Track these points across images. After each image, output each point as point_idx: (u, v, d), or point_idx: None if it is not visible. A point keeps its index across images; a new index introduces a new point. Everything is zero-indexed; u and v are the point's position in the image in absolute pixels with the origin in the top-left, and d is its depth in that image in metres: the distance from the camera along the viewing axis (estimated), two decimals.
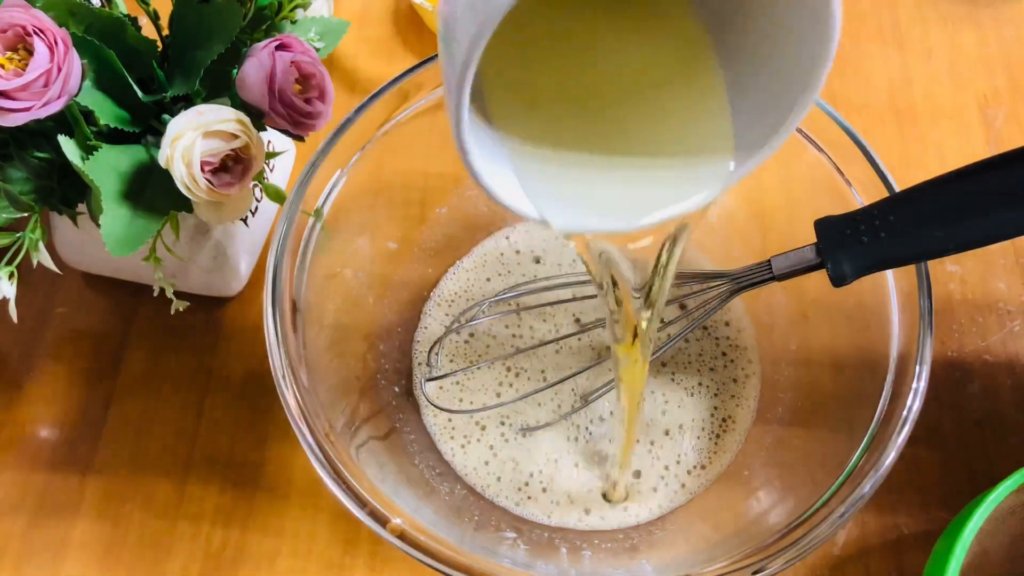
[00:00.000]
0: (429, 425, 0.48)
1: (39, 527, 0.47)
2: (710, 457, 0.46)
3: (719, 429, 0.47)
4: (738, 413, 0.47)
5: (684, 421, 0.47)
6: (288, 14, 0.43)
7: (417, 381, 0.49)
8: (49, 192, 0.41)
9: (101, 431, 0.49)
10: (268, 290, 0.40)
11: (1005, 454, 0.47)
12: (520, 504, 0.46)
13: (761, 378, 0.48)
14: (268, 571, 0.45)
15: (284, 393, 0.38)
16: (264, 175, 0.47)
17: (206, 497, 0.47)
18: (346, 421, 0.42)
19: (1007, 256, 0.52)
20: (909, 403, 0.37)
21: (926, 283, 0.38)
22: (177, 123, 0.38)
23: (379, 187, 0.48)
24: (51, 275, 0.41)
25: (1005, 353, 0.49)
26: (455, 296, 0.51)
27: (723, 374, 0.49)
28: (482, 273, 0.52)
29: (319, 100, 0.41)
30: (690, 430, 0.47)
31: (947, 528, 0.40)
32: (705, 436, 0.47)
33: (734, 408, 0.47)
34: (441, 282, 0.52)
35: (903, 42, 0.61)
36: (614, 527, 0.45)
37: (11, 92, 0.34)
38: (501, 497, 0.46)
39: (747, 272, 0.40)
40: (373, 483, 0.37)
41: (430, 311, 0.51)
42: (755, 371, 0.48)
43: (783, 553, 0.35)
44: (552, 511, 0.45)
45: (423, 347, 0.50)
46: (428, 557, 0.35)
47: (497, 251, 0.52)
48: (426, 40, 0.62)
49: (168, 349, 0.51)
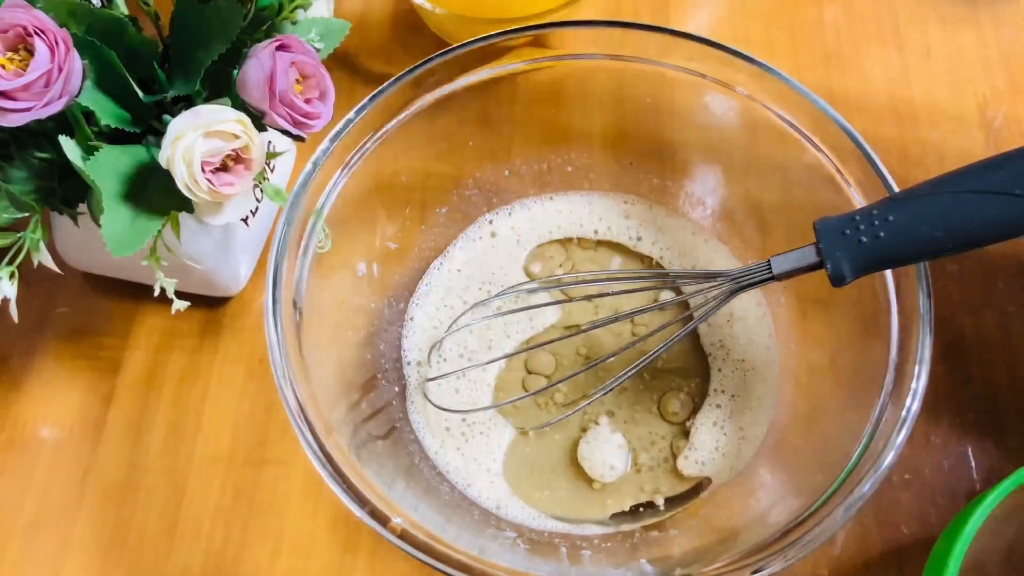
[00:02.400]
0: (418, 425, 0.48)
1: (39, 527, 0.47)
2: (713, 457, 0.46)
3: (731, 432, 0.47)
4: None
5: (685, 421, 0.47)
6: (289, 15, 0.44)
7: (409, 380, 0.49)
8: (50, 192, 0.41)
9: (101, 431, 0.49)
10: (268, 290, 0.40)
11: (1005, 454, 0.47)
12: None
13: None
14: (268, 571, 0.45)
15: (284, 393, 0.38)
16: (264, 175, 0.47)
17: (206, 497, 0.47)
18: (346, 421, 0.42)
19: (1007, 256, 0.52)
20: (909, 403, 0.37)
21: (926, 283, 0.38)
22: (178, 123, 0.38)
23: (379, 187, 0.48)
24: (52, 275, 0.41)
25: (1005, 353, 0.49)
26: (450, 296, 0.51)
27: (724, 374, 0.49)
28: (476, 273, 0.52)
29: (319, 100, 0.41)
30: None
31: (947, 528, 0.40)
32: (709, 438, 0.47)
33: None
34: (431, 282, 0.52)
35: (903, 42, 0.61)
36: (613, 530, 0.45)
37: (12, 92, 0.34)
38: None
39: (746, 272, 0.40)
40: (373, 483, 0.37)
41: (427, 311, 0.51)
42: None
43: (783, 553, 0.35)
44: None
45: (419, 346, 0.50)
46: (428, 556, 0.35)
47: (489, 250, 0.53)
48: (426, 41, 0.62)
49: (168, 349, 0.51)
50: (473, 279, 0.52)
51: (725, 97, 0.47)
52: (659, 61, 0.47)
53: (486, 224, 0.53)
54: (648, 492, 0.46)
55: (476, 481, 0.46)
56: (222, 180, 0.39)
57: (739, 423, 0.47)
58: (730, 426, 0.47)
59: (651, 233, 0.52)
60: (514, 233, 0.53)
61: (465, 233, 0.53)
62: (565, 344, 0.49)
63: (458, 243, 0.53)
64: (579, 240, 0.53)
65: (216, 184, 0.38)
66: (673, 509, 0.45)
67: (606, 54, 0.47)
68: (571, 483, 0.46)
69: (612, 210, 0.53)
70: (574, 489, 0.46)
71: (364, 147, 0.45)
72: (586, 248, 0.53)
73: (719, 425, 0.47)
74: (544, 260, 0.52)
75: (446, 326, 0.50)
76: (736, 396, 0.47)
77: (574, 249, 0.53)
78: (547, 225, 0.53)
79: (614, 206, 0.53)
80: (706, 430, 0.47)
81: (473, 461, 0.46)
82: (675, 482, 0.46)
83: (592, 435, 0.47)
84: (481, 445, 0.47)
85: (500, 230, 0.53)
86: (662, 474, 0.46)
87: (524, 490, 0.46)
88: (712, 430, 0.47)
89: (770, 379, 0.48)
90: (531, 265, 0.52)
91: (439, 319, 0.50)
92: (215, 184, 0.38)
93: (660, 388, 0.48)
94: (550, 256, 0.52)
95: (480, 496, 0.45)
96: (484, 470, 0.46)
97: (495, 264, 0.52)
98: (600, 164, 0.53)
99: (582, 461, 0.46)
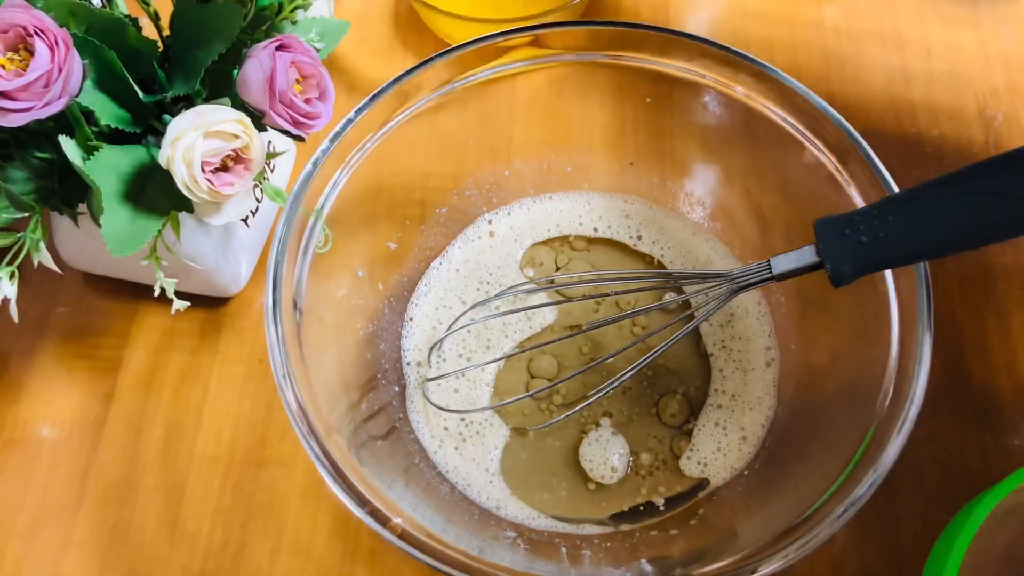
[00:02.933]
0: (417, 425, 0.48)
1: (39, 527, 0.47)
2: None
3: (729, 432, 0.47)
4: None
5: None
6: (288, 15, 0.44)
7: (408, 380, 0.49)
8: (50, 192, 0.41)
9: (101, 431, 0.49)
10: (268, 290, 0.40)
11: (1005, 454, 0.47)
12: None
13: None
14: (268, 571, 0.45)
15: (284, 393, 0.38)
16: (264, 175, 0.47)
17: (206, 497, 0.47)
18: (346, 421, 0.42)
19: (1007, 256, 0.52)
20: (909, 403, 0.37)
21: (926, 283, 0.38)
22: (178, 123, 0.38)
23: (379, 187, 0.48)
24: (52, 275, 0.41)
25: (1005, 353, 0.49)
26: (449, 296, 0.51)
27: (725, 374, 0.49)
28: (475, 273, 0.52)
29: (319, 100, 0.41)
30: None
31: (947, 528, 0.40)
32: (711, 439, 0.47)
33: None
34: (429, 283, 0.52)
35: (903, 42, 0.61)
36: (613, 530, 0.45)
37: (12, 92, 0.34)
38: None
39: (746, 272, 0.40)
40: (373, 482, 0.37)
41: (426, 311, 0.51)
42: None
43: (782, 553, 0.35)
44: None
45: (418, 346, 0.50)
46: (428, 556, 0.35)
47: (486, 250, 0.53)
48: (426, 41, 0.62)
49: (168, 349, 0.51)
50: (472, 279, 0.52)
51: (725, 97, 0.47)
52: (659, 61, 0.47)
53: (485, 224, 0.53)
54: (648, 493, 0.45)
55: (475, 481, 0.46)
56: (222, 180, 0.39)
57: (740, 423, 0.47)
58: (731, 426, 0.47)
59: (651, 232, 0.52)
60: (512, 233, 0.53)
61: (464, 233, 0.53)
62: (567, 344, 0.49)
63: (457, 243, 0.53)
64: (576, 238, 0.53)
65: (216, 184, 0.38)
66: (673, 509, 0.45)
67: (606, 54, 0.47)
68: (571, 483, 0.46)
69: (612, 209, 0.53)
70: (574, 490, 0.46)
71: (364, 147, 0.45)
72: (580, 250, 0.53)
73: (720, 425, 0.47)
74: (541, 258, 0.52)
75: (446, 326, 0.50)
76: (736, 396, 0.47)
77: (571, 248, 0.53)
78: (546, 224, 0.53)
79: (614, 205, 0.53)
80: (707, 431, 0.47)
81: (472, 461, 0.46)
82: (675, 482, 0.46)
83: (593, 436, 0.46)
84: (479, 445, 0.47)
85: (499, 230, 0.53)
86: (662, 475, 0.46)
87: (524, 490, 0.46)
88: (713, 430, 0.47)
89: (770, 379, 0.48)
90: (528, 264, 0.52)
91: (438, 319, 0.50)
92: (215, 184, 0.38)
93: (661, 389, 0.48)
94: (544, 256, 0.52)
95: (480, 496, 0.45)
96: (483, 470, 0.46)
97: (493, 264, 0.52)
98: (600, 164, 0.53)
99: (583, 462, 0.46)
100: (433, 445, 0.47)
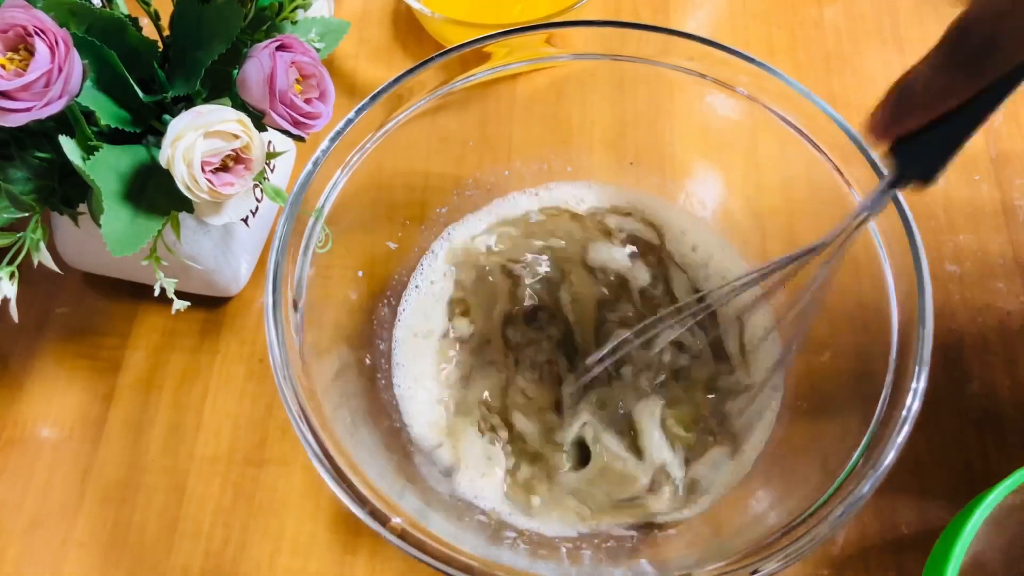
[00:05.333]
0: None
1: (39, 527, 0.47)
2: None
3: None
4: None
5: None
6: (289, 15, 0.44)
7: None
8: (50, 192, 0.41)
9: (101, 431, 0.49)
10: (268, 290, 0.40)
11: (1005, 454, 0.47)
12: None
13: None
14: (268, 571, 0.45)
15: (284, 392, 0.38)
16: (264, 175, 0.47)
17: (206, 497, 0.47)
18: (347, 420, 0.42)
19: (1006, 256, 0.52)
20: (908, 403, 0.37)
21: (925, 284, 0.38)
22: (178, 123, 0.38)
23: (379, 187, 0.48)
24: (52, 275, 0.41)
25: (1004, 353, 0.49)
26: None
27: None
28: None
29: (319, 100, 0.41)
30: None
31: (946, 528, 0.40)
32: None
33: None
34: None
35: (903, 42, 0.61)
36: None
37: (12, 92, 0.34)
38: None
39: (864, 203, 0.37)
40: (373, 483, 0.37)
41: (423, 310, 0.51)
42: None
43: (782, 553, 0.35)
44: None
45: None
46: (428, 556, 0.35)
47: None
48: (425, 42, 0.62)
49: (168, 349, 0.51)
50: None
51: (725, 97, 0.47)
52: (659, 61, 0.47)
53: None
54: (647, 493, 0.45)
55: (475, 481, 0.46)
56: (222, 180, 0.39)
57: (740, 423, 0.47)
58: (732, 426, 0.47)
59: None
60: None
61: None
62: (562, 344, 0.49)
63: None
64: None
65: (216, 184, 0.39)
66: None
67: (606, 54, 0.47)
68: (571, 484, 0.46)
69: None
70: (574, 490, 0.46)
71: (364, 147, 0.45)
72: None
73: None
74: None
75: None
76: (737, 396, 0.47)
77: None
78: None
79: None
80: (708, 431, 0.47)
81: (471, 461, 0.46)
82: (675, 482, 0.46)
83: (594, 438, 0.46)
84: (478, 445, 0.47)
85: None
86: (663, 475, 0.46)
87: (523, 491, 0.46)
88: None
89: (770, 379, 0.48)
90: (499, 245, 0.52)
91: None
92: (215, 184, 0.38)
93: (662, 393, 0.48)
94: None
95: (479, 496, 0.45)
96: (483, 470, 0.46)
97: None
98: (600, 164, 0.53)
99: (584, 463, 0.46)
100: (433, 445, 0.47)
